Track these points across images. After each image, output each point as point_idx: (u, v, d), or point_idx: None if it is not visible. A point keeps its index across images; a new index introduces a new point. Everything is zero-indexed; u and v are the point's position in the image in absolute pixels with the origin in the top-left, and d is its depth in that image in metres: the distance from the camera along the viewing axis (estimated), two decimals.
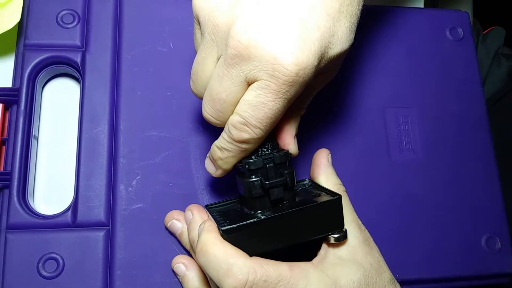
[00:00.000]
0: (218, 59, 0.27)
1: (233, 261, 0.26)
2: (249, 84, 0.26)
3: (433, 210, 0.39)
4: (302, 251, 0.30)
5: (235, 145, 0.27)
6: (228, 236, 0.27)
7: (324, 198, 0.29)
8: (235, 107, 0.27)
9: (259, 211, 0.28)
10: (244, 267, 0.25)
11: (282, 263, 0.27)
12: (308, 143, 0.38)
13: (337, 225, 0.29)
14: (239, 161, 0.29)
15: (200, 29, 0.28)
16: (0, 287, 0.31)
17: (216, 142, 0.29)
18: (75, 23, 0.36)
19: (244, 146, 0.27)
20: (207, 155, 0.31)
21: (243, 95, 0.26)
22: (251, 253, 0.27)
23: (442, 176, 0.40)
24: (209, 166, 0.31)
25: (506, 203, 0.40)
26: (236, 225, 0.27)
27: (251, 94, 0.26)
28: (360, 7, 0.29)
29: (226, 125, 0.27)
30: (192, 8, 0.28)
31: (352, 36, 0.28)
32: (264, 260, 0.26)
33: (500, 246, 0.39)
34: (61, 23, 0.36)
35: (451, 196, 0.39)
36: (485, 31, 0.59)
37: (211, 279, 0.28)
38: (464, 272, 0.38)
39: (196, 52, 0.29)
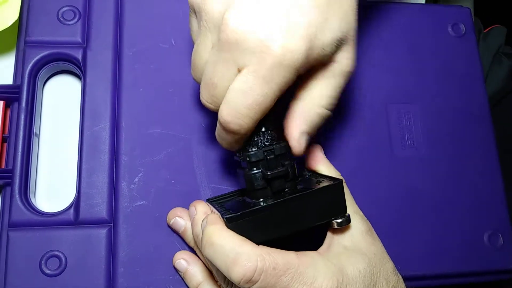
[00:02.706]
0: (213, 46, 0.27)
1: (241, 250, 0.25)
2: (239, 71, 0.26)
3: (435, 206, 0.39)
4: (307, 242, 0.30)
5: (227, 135, 0.28)
6: (232, 224, 0.26)
7: (326, 183, 0.29)
8: None
9: (261, 199, 0.28)
10: (252, 255, 0.25)
11: (289, 251, 0.27)
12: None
13: (340, 210, 0.29)
14: (240, 154, 0.29)
15: (196, 18, 0.29)
16: (3, 285, 0.31)
17: (216, 131, 0.30)
18: (76, 20, 0.36)
19: (236, 136, 0.28)
20: None
21: None
22: (256, 242, 0.27)
23: (444, 172, 0.40)
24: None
25: (509, 199, 0.40)
26: (240, 212, 0.26)
27: (240, 80, 0.26)
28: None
29: (218, 117, 0.28)
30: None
31: (347, 26, 0.28)
32: (271, 249, 0.26)
33: (502, 242, 0.39)
34: (62, 19, 0.36)
35: (453, 192, 0.39)
36: (486, 30, 0.59)
37: (217, 270, 0.28)
38: (466, 268, 0.38)
39: (193, 42, 0.30)
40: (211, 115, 0.36)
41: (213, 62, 0.27)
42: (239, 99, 0.26)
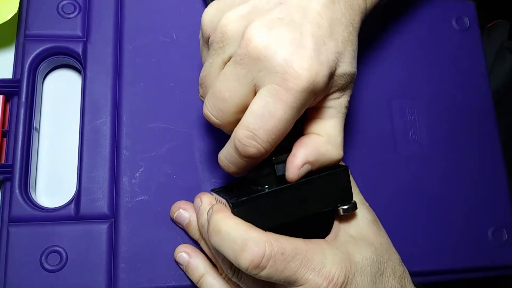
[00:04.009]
0: (226, 62, 0.26)
1: (248, 236, 0.25)
2: (256, 91, 0.25)
3: (439, 202, 0.38)
4: (313, 232, 0.30)
5: (241, 159, 0.26)
6: (238, 209, 0.26)
7: (331, 170, 0.29)
8: (236, 110, 0.26)
9: (266, 186, 0.28)
10: (260, 241, 0.25)
11: (296, 238, 0.26)
12: None
13: (346, 197, 0.29)
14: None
15: (208, 45, 0.28)
16: (3, 281, 0.31)
17: (221, 155, 0.28)
18: (76, 13, 0.36)
19: (250, 161, 0.26)
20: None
21: (247, 99, 0.25)
22: (263, 228, 0.26)
23: (448, 167, 0.39)
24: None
25: None
26: (245, 197, 0.26)
27: (259, 103, 0.25)
28: (357, 40, 0.29)
29: (231, 139, 0.26)
30: (201, 27, 0.28)
31: (355, 62, 0.28)
32: (279, 235, 0.26)
33: (506, 237, 0.38)
34: (62, 13, 0.36)
35: (457, 187, 0.39)
36: (490, 24, 0.59)
37: (223, 259, 0.28)
38: (471, 263, 0.38)
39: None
40: None
41: (225, 76, 0.26)
42: (259, 123, 0.25)
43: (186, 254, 0.32)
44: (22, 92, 0.34)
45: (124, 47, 0.36)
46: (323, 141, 0.28)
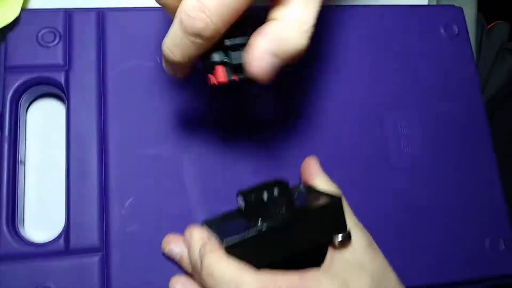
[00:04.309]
0: None
1: (242, 279, 0.25)
2: None
3: (435, 214, 0.38)
4: (308, 260, 0.29)
5: (188, 39, 0.23)
6: (232, 251, 0.26)
7: (324, 200, 0.29)
8: None
9: (260, 218, 0.27)
10: (254, 283, 0.25)
11: (292, 272, 0.26)
12: (304, 148, 0.37)
13: (340, 227, 0.29)
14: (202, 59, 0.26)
15: None
16: None
17: (166, 38, 0.25)
18: (56, 41, 0.35)
19: (198, 40, 0.23)
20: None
21: None
22: (258, 265, 0.26)
23: (443, 178, 0.39)
24: (168, 69, 0.27)
25: (509, 203, 0.39)
26: (238, 240, 0.26)
27: None
28: None
29: (176, 14, 0.23)
30: None
31: None
32: (273, 273, 0.26)
33: (504, 247, 0.38)
34: (41, 42, 0.35)
35: (452, 198, 0.39)
36: (490, 26, 0.58)
37: None
38: (469, 275, 0.37)
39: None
40: (202, 135, 0.36)
41: None
42: None
43: (181, 286, 0.32)
44: (5, 126, 0.33)
45: (107, 74, 0.35)
46: (284, 26, 0.24)
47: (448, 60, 0.41)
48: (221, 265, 0.25)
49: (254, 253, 0.26)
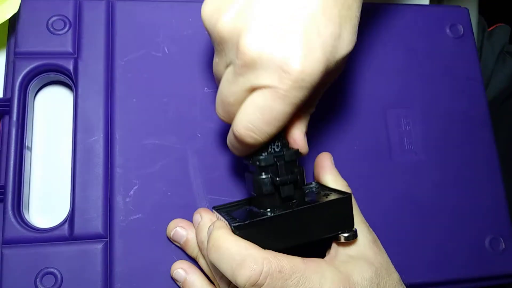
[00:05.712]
0: (228, 65, 0.28)
1: (247, 252, 0.25)
2: (254, 89, 0.27)
3: (436, 212, 0.38)
4: (312, 251, 0.30)
5: (242, 145, 0.28)
6: (240, 232, 0.26)
7: (334, 196, 0.29)
8: None
9: (268, 209, 0.28)
10: (259, 258, 0.25)
11: (295, 256, 0.27)
12: (309, 146, 0.37)
13: (348, 224, 0.29)
14: (249, 158, 0.29)
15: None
16: None
17: (228, 138, 0.30)
18: (66, 29, 0.35)
19: (250, 147, 0.28)
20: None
21: None
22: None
23: (445, 176, 0.39)
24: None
25: (510, 203, 0.40)
26: (248, 221, 0.26)
27: (257, 98, 0.26)
28: (359, 10, 0.29)
29: (232, 126, 0.28)
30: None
31: (355, 37, 0.28)
32: (277, 253, 0.26)
33: (504, 246, 0.38)
34: (51, 29, 0.35)
35: (454, 197, 0.39)
36: (490, 28, 0.58)
37: (221, 277, 0.28)
38: (469, 274, 0.37)
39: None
40: (207, 125, 0.36)
41: (228, 82, 0.27)
42: (257, 116, 0.26)
43: (182, 271, 0.32)
44: (13, 111, 0.34)
45: (115, 63, 0.36)
46: (305, 109, 0.30)
47: (453, 59, 0.42)
48: (228, 239, 0.26)
49: (260, 238, 0.27)
